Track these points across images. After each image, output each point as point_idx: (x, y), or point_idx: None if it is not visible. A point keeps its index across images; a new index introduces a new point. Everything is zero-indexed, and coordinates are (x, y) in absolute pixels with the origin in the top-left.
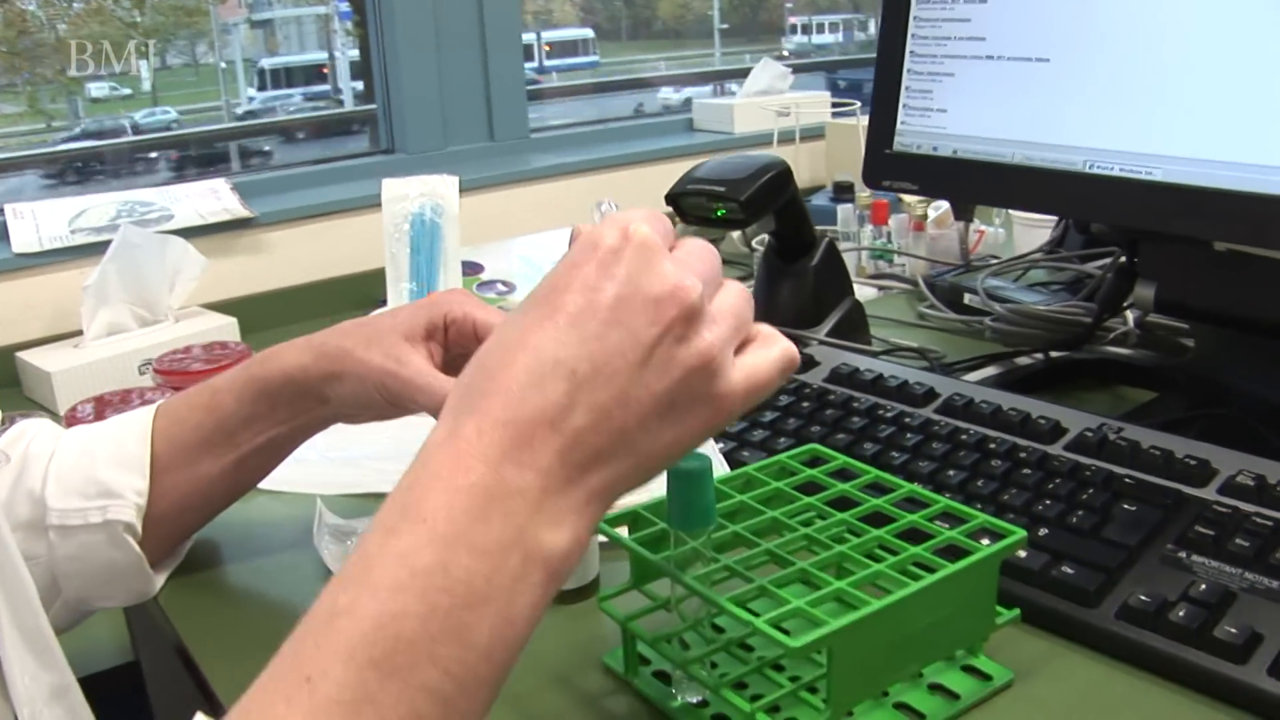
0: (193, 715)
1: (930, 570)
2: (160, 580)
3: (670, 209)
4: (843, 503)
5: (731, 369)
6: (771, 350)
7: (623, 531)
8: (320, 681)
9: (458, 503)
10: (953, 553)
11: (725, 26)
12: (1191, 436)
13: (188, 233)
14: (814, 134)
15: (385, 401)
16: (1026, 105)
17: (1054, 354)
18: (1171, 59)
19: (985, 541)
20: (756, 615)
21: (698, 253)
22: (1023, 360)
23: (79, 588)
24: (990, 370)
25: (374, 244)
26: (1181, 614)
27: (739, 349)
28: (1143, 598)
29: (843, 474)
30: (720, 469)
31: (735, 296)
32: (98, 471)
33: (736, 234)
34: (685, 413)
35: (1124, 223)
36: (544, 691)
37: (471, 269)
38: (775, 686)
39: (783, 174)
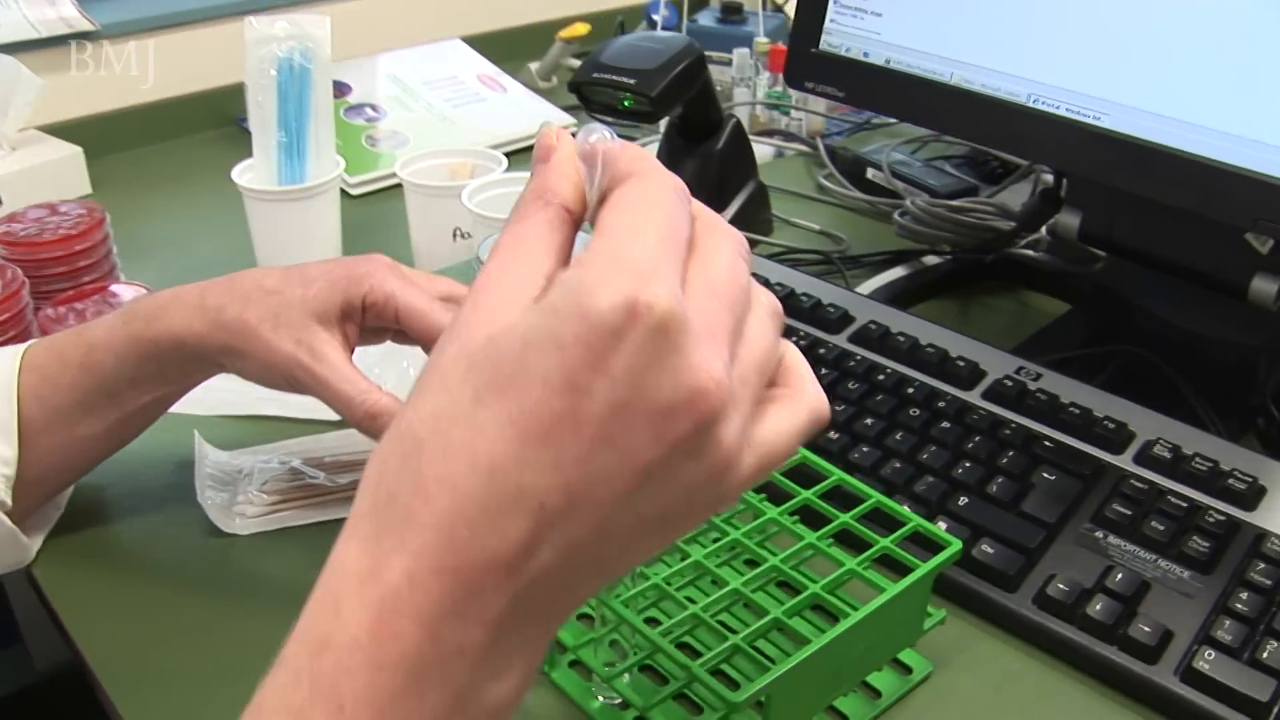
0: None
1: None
2: (36, 546)
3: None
4: (769, 488)
5: (745, 458)
6: (797, 417)
7: None
8: None
9: (383, 682)
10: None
11: None
12: (1106, 377)
13: (18, 47)
14: None
15: (291, 388)
16: (971, 22)
17: (962, 255)
18: None
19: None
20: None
21: (727, 275)
22: (930, 260)
23: None
24: (898, 271)
25: (229, 58)
26: (1098, 607)
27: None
28: (1061, 586)
29: None
30: None
31: (764, 336)
32: None
33: None
34: (678, 521)
35: (1066, 168)
36: None
37: (338, 89)
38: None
39: (695, 63)
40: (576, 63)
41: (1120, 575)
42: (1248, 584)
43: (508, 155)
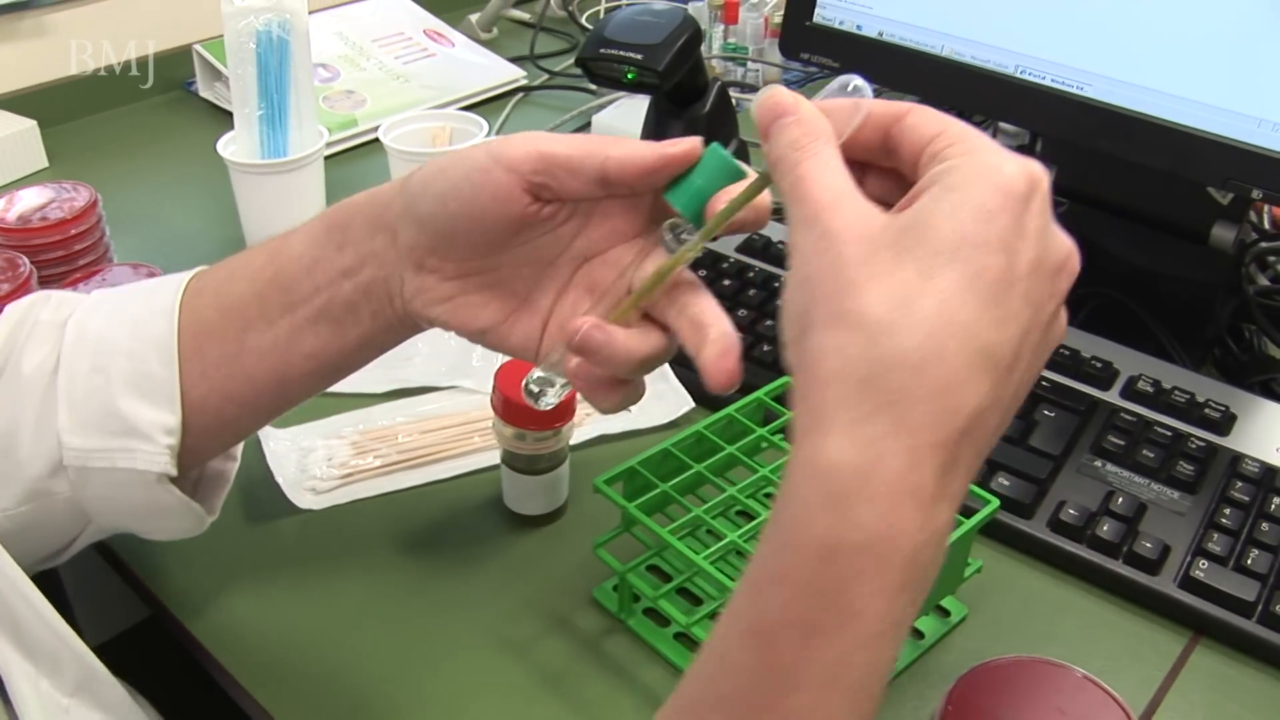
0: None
1: None
2: (213, 513)
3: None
4: None
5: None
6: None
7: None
8: None
9: (889, 580)
10: None
11: None
12: (1085, 317)
13: None
14: None
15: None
16: None
17: None
18: None
19: None
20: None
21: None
22: None
23: (113, 521)
24: None
25: (173, 20)
26: (1105, 528)
27: None
28: (1071, 511)
29: None
30: (683, 402)
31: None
32: (117, 401)
33: None
34: (1039, 366)
35: (1051, 133)
36: (543, 636)
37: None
38: None
39: (694, 35)
40: (517, 13)
41: (1120, 499)
42: (1229, 500)
43: (467, 109)
